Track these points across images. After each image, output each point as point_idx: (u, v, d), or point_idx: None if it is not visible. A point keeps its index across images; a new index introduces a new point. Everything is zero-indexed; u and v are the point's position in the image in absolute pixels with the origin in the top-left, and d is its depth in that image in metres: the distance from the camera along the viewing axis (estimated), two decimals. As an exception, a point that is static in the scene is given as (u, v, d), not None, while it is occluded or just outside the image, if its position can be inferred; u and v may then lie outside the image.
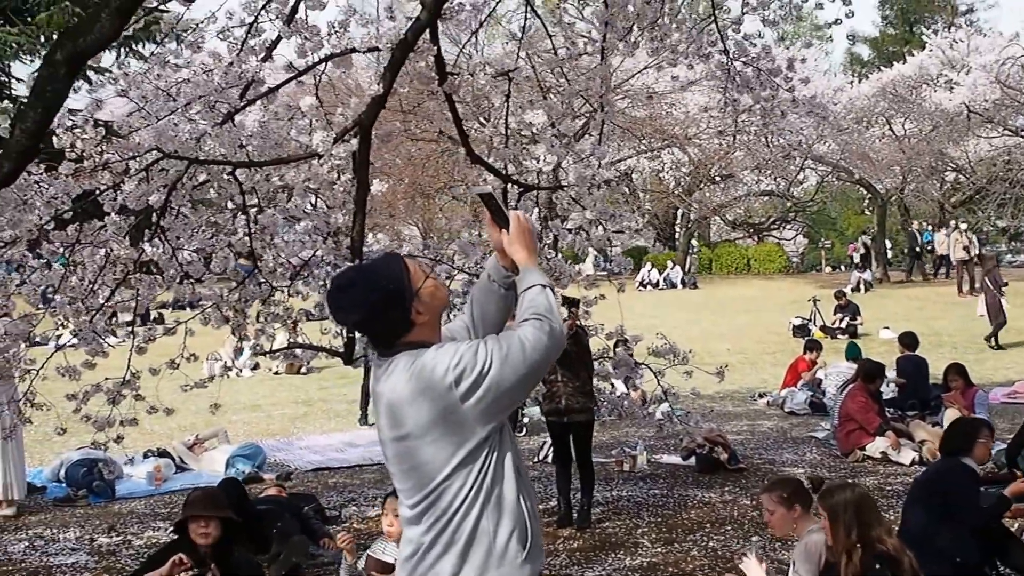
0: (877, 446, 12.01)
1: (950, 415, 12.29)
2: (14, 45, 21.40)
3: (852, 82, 46.73)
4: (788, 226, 55.25)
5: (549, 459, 12.25)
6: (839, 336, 23.79)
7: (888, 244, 44.24)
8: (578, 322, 9.31)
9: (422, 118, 28.62)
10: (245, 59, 8.16)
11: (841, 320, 24.91)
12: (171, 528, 7.84)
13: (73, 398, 8.33)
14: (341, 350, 9.11)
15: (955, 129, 37.92)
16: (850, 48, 70.38)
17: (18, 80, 22.87)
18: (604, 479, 11.01)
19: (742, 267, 47.04)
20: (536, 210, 9.69)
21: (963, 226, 34.07)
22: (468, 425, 3.51)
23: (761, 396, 16.83)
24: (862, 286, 34.00)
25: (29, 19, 22.00)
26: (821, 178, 45.14)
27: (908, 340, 15.53)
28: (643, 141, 37.44)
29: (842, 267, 49.07)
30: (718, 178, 42.83)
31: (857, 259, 39.60)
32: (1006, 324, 22.45)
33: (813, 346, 17.12)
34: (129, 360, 8.67)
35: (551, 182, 9.57)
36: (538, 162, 9.64)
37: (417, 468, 3.59)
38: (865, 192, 45.60)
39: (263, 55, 8.24)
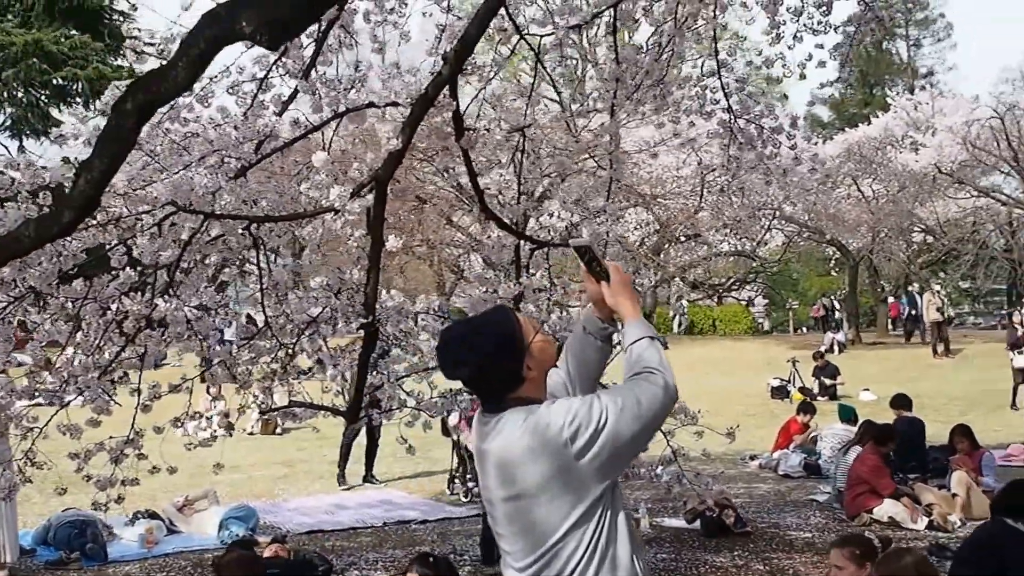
0: (885, 510, 11.82)
1: (958, 477, 12.20)
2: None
3: (816, 143, 46.88)
4: (749, 287, 55.39)
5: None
6: (819, 398, 23.73)
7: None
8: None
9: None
10: (259, 113, 8.08)
11: (820, 381, 24.89)
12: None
13: (76, 457, 8.14)
14: (343, 408, 8.96)
15: (922, 190, 38.28)
16: (810, 109, 71.02)
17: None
18: (609, 542, 10.82)
19: (707, 328, 47.16)
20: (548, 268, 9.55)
21: (936, 287, 34.28)
22: (584, 483, 3.41)
23: (752, 458, 16.69)
24: (836, 347, 34.05)
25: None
26: (788, 238, 45.19)
27: (902, 401, 15.43)
28: (608, 201, 37.34)
29: (804, 328, 49.22)
30: (683, 238, 42.85)
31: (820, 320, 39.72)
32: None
33: (806, 408, 16.95)
34: (134, 418, 8.49)
35: (563, 239, 9.49)
36: (551, 217, 9.58)
37: (530, 529, 3.46)
38: (832, 252, 45.85)
39: (279, 109, 8.16)
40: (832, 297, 46.40)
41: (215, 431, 16.75)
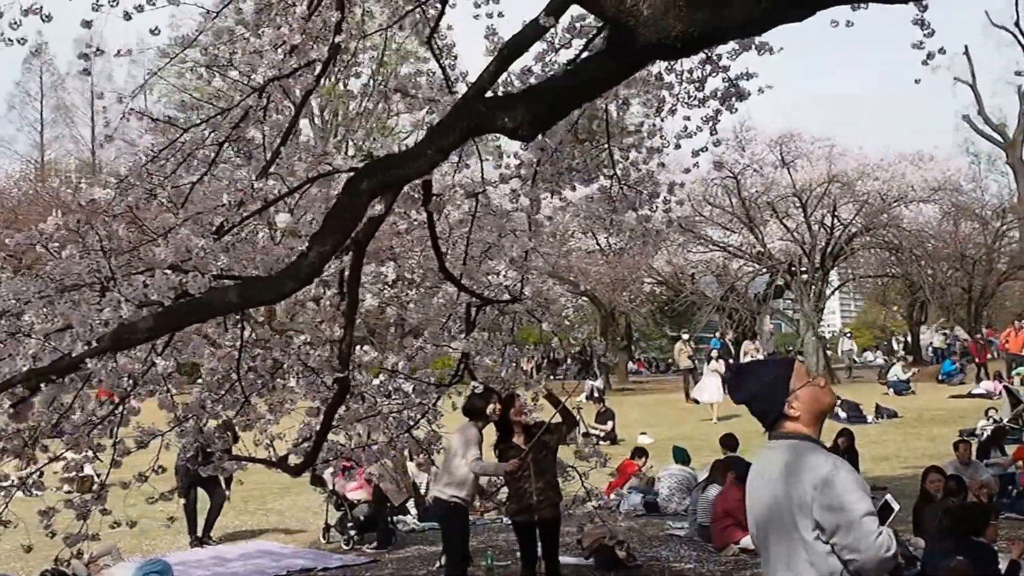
0: (749, 540, 12.83)
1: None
2: None
3: (546, 196, 47.92)
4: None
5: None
6: (601, 443, 24.80)
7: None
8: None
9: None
10: (237, 177, 8.41)
11: (603, 426, 26.02)
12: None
13: (44, 514, 8.35)
14: (282, 461, 9.24)
15: (650, 243, 39.99)
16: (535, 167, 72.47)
17: None
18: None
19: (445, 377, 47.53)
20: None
21: (685, 336, 35.99)
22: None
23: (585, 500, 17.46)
24: (595, 393, 35.12)
25: None
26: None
27: (731, 442, 16.52)
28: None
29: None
30: (423, 288, 43.20)
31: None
32: None
33: (640, 453, 17.85)
34: (107, 474, 8.70)
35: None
36: (498, 276, 10.22)
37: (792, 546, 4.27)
38: (564, 302, 47.36)
39: (259, 173, 8.51)
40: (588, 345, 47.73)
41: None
